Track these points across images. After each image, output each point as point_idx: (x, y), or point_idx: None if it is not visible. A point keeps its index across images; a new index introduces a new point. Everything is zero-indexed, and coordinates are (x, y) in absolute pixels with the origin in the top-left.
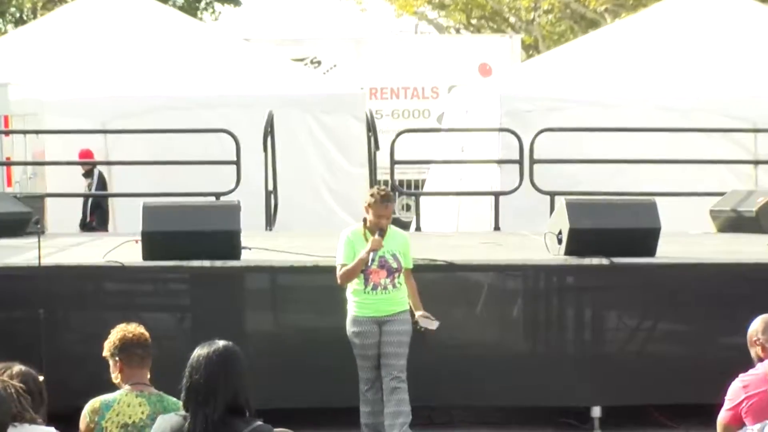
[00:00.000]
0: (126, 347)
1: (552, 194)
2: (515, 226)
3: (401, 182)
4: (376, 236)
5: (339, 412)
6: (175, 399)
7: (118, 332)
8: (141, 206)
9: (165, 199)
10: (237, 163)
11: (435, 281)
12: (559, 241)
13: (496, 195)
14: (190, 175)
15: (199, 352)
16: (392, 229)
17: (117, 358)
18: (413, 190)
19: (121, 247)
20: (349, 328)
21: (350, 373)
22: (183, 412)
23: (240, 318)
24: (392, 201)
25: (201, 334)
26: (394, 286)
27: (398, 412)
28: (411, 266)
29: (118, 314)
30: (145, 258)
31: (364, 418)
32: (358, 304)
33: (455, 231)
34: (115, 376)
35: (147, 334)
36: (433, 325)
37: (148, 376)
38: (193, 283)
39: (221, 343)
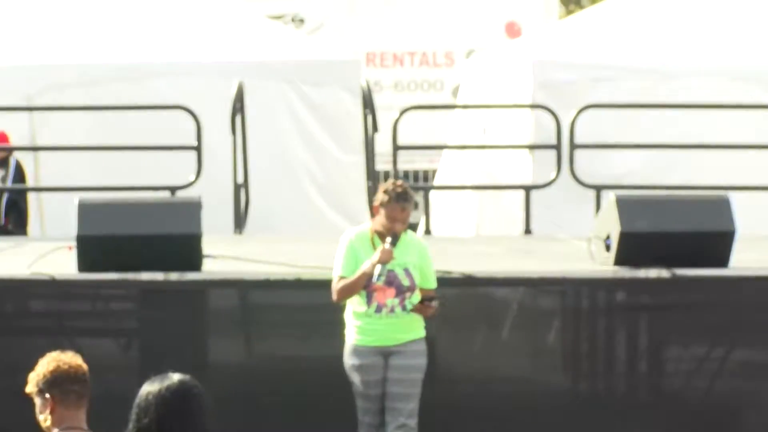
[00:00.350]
0: (59, 382)
1: (598, 188)
2: (551, 229)
3: (406, 173)
4: (387, 245)
5: None
6: None
7: (49, 362)
8: (76, 203)
9: (106, 195)
10: (198, 148)
11: (450, 299)
12: (608, 248)
13: (527, 189)
14: (139, 164)
15: (149, 388)
16: (408, 236)
17: (47, 395)
18: (421, 183)
19: (50, 255)
20: (347, 360)
21: (344, 417)
22: None
23: (201, 346)
24: (411, 200)
25: (152, 366)
26: (403, 308)
27: None
28: (435, 285)
29: (47, 340)
30: (81, 269)
31: None
32: (359, 329)
33: (475, 235)
34: (44, 418)
35: (85, 365)
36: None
37: (85, 419)
38: (143, 302)
39: (176, 377)
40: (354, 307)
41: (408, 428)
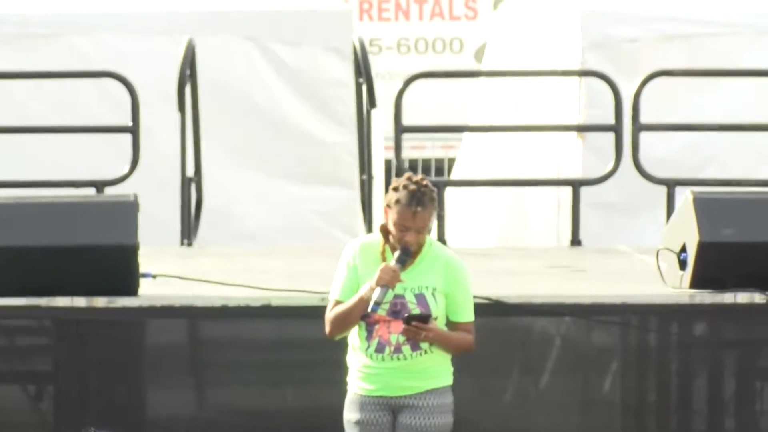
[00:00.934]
0: None
1: (670, 183)
2: (607, 238)
3: (413, 162)
4: (393, 262)
5: None
6: None
7: None
8: None
9: (14, 192)
10: (133, 129)
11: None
12: (682, 265)
13: (576, 185)
14: (55, 151)
15: None
16: (433, 249)
17: None
18: (434, 176)
19: None
20: (345, 414)
21: None
22: None
23: (136, 395)
24: (430, 203)
25: (71, 423)
26: (416, 347)
27: None
28: (468, 319)
29: None
30: None
31: None
32: (360, 374)
33: (504, 246)
34: None
35: None
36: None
37: None
38: (59, 336)
39: None
40: (353, 345)
41: None
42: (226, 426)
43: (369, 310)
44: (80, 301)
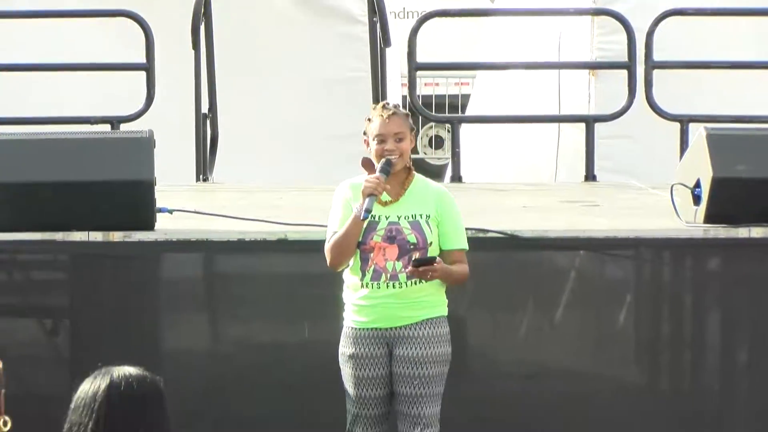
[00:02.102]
0: None
1: (684, 120)
2: (620, 174)
3: (428, 99)
4: (378, 173)
5: None
6: None
7: None
8: None
9: (27, 129)
10: (148, 67)
11: (485, 265)
12: (696, 200)
13: (589, 121)
14: (70, 89)
15: (90, 386)
16: (421, 182)
17: None
18: (448, 113)
19: None
20: (340, 348)
21: (338, 423)
22: None
23: (153, 329)
24: (402, 113)
25: (88, 356)
26: (410, 275)
27: None
28: (465, 246)
29: None
30: None
31: None
32: (355, 307)
33: (518, 182)
34: None
35: None
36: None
37: (2, 422)
38: (75, 271)
39: (128, 371)
40: (348, 277)
41: None
42: (242, 359)
43: (361, 218)
44: (97, 236)
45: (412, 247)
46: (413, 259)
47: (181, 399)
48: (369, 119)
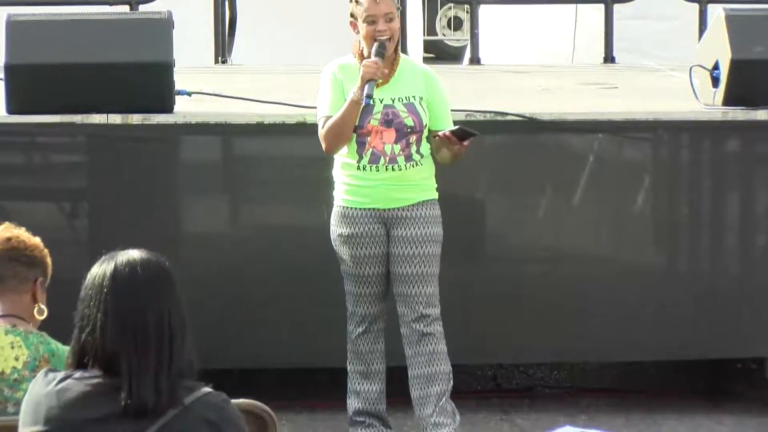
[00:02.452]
0: None
1: (702, 1)
2: (640, 56)
3: None
4: (372, 56)
5: (331, 375)
6: (65, 347)
7: None
8: (3, 21)
9: (45, 10)
10: None
11: (504, 148)
12: (715, 82)
13: (608, 2)
14: None
15: (101, 269)
16: (405, 62)
17: None
18: None
19: None
20: (333, 229)
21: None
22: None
23: (172, 212)
24: None
25: (106, 239)
26: (409, 158)
27: (431, 376)
28: (450, 126)
29: None
30: (10, 109)
31: (353, 384)
32: (350, 188)
33: (538, 64)
34: None
35: (29, 240)
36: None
37: (35, 310)
38: (93, 152)
39: (137, 254)
40: (343, 158)
41: (430, 320)
42: (259, 242)
43: (363, 103)
44: (115, 118)
45: (409, 130)
46: (458, 127)
47: (198, 281)
48: (356, 1)
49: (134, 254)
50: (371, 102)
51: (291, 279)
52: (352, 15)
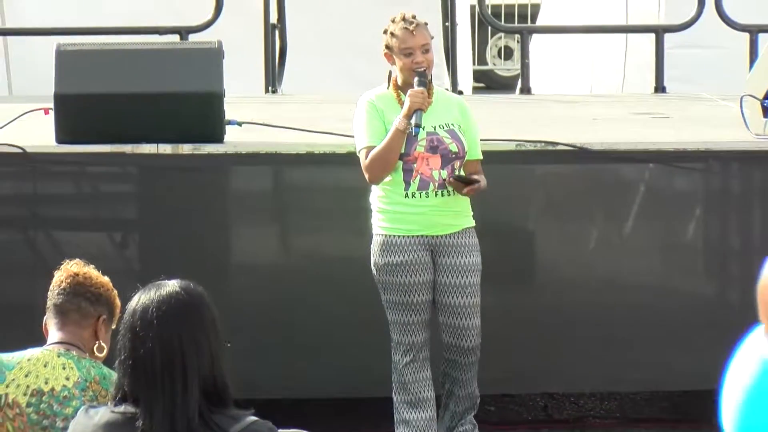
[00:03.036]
0: (53, 296)
1: (753, 30)
2: (691, 85)
3: (497, 8)
4: (415, 86)
5: (378, 406)
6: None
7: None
8: (53, 51)
9: (95, 39)
10: None
11: (554, 178)
12: (765, 111)
13: (659, 32)
14: (138, 0)
15: (145, 297)
16: (442, 92)
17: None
18: (517, 22)
19: (20, 120)
20: (378, 259)
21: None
22: (122, 407)
23: (221, 241)
24: (423, 24)
25: (155, 268)
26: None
27: (470, 396)
28: (481, 156)
29: (15, 234)
30: (60, 139)
31: (401, 414)
32: (395, 215)
33: (589, 93)
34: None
35: (97, 278)
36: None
37: (95, 347)
38: (143, 182)
39: (179, 284)
40: (386, 188)
41: (477, 350)
42: (309, 271)
43: (412, 132)
44: (166, 148)
45: (453, 155)
46: (456, 175)
47: (247, 309)
48: (392, 33)
49: (180, 283)
50: (420, 130)
51: (339, 309)
52: (387, 47)
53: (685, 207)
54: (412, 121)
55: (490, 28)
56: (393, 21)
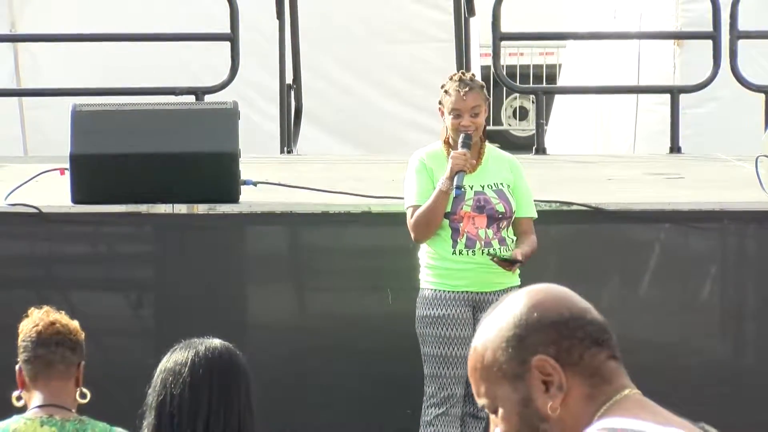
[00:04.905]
0: (36, 346)
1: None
2: (706, 146)
3: (513, 69)
4: (459, 148)
5: None
6: (106, 425)
7: (27, 325)
8: (69, 111)
9: (111, 100)
10: (232, 37)
11: (569, 238)
12: None
13: (674, 92)
14: (153, 61)
15: (179, 356)
16: (492, 150)
17: (19, 366)
18: (532, 83)
19: (36, 181)
20: (421, 311)
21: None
22: None
23: (237, 301)
24: (479, 87)
25: (171, 328)
26: (503, 241)
27: None
28: (534, 214)
29: (31, 292)
30: (76, 199)
31: None
32: (442, 271)
33: (602, 153)
34: (18, 395)
35: (71, 324)
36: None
37: (77, 394)
38: (160, 242)
39: (215, 342)
40: (434, 247)
41: None
42: (326, 332)
43: (453, 194)
44: (181, 208)
45: (500, 215)
46: (498, 256)
47: (265, 369)
48: (446, 91)
49: (216, 342)
50: (462, 192)
51: (358, 367)
52: (440, 103)
53: (701, 268)
54: (454, 183)
55: (505, 88)
56: (451, 78)
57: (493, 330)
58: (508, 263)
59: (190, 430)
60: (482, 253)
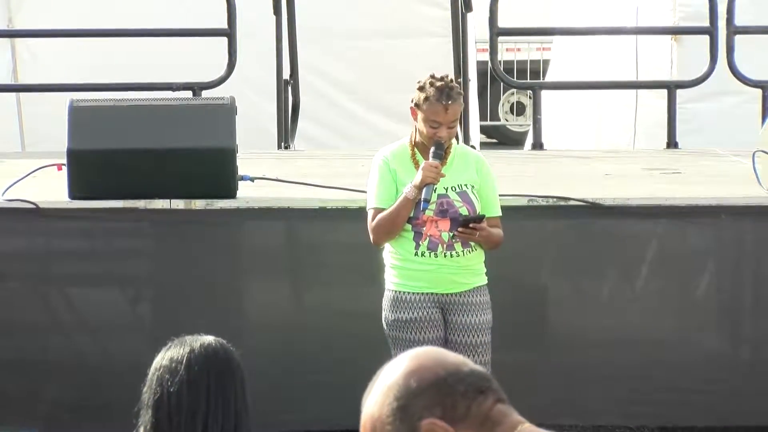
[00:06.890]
0: None
1: (765, 86)
2: (702, 141)
3: (509, 64)
4: (431, 158)
5: None
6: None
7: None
8: (66, 107)
9: (108, 96)
10: (229, 33)
11: (566, 234)
12: None
13: (670, 87)
14: (150, 57)
15: (174, 353)
16: (460, 149)
17: None
18: (530, 78)
19: (32, 177)
20: (388, 314)
21: None
22: None
23: (234, 296)
24: (458, 96)
25: (168, 323)
26: (466, 244)
27: None
28: (499, 213)
29: (29, 288)
30: (73, 195)
31: None
32: (409, 272)
33: (600, 149)
34: None
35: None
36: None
37: None
38: (156, 238)
39: (209, 339)
40: (397, 247)
41: None
42: (323, 327)
43: (421, 209)
44: (178, 204)
45: (463, 219)
46: (462, 218)
47: (262, 364)
48: (425, 98)
49: (210, 339)
50: (428, 205)
51: (354, 362)
52: (416, 104)
53: (698, 263)
54: (423, 196)
55: (502, 84)
56: (431, 84)
57: (375, 407)
58: (469, 222)
59: (190, 429)
60: (444, 255)
